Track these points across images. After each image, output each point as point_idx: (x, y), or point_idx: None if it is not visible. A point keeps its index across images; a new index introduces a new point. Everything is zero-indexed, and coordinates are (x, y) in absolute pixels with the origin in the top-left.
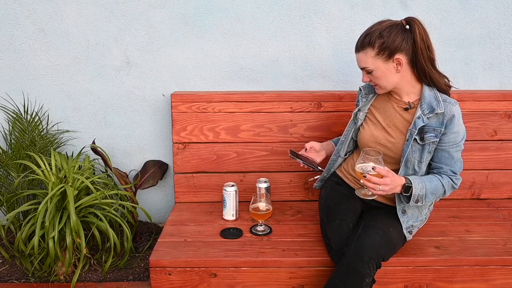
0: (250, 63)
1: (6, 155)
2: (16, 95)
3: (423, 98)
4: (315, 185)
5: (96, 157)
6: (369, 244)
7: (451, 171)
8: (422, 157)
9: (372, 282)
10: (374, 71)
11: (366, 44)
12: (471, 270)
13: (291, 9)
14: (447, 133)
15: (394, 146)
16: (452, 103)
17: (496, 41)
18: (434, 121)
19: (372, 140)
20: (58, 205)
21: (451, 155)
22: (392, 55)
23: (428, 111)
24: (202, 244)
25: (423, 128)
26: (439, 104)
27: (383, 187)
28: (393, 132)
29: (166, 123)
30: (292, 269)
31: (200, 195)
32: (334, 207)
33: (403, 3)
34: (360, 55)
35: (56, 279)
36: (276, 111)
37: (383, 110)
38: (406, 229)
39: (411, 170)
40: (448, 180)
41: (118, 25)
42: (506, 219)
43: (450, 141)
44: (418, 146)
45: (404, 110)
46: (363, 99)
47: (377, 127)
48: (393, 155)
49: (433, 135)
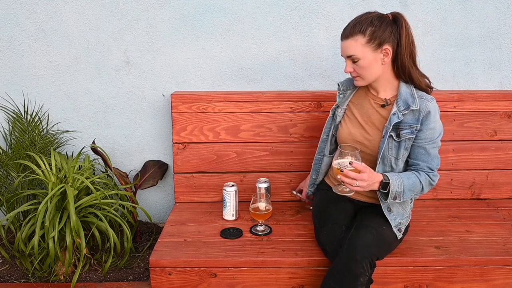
0: (250, 63)
1: (6, 155)
2: (16, 95)
3: (399, 94)
4: (308, 190)
5: (96, 157)
6: (361, 243)
7: (428, 168)
8: (398, 154)
9: (368, 281)
10: (361, 60)
11: (357, 31)
12: (471, 270)
13: (291, 9)
14: (423, 129)
15: (371, 143)
16: (428, 99)
17: (496, 41)
18: (409, 117)
19: (349, 137)
20: (58, 205)
21: (428, 151)
22: (381, 45)
23: (404, 107)
24: (202, 244)
25: (398, 125)
26: (414, 101)
27: (360, 183)
28: (370, 129)
29: (166, 123)
30: (292, 269)
31: (200, 195)
32: (325, 212)
33: (403, 3)
34: (349, 42)
35: (56, 279)
36: (276, 111)
37: (360, 106)
38: (395, 227)
39: (388, 167)
40: (425, 177)
41: (118, 25)
42: (506, 219)
43: (427, 137)
44: (394, 143)
45: (381, 107)
46: (341, 95)
47: (355, 124)
48: (370, 152)
49: (409, 131)
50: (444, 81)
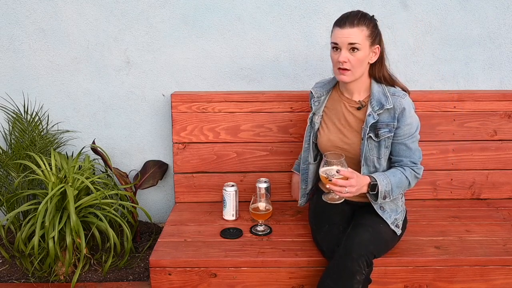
0: (250, 63)
1: (6, 155)
2: (16, 95)
3: (372, 95)
4: (300, 202)
5: (96, 157)
6: (357, 241)
7: (411, 162)
8: (380, 153)
9: (366, 281)
10: (360, 51)
11: (362, 23)
12: (471, 270)
13: (291, 9)
14: (400, 126)
15: (351, 147)
16: (401, 96)
17: (496, 41)
18: (385, 116)
19: (329, 144)
20: (58, 205)
21: (409, 146)
22: (374, 43)
23: (378, 107)
24: (202, 244)
25: (376, 125)
26: (387, 100)
27: (350, 189)
28: (348, 132)
29: (166, 123)
30: (292, 269)
31: (200, 195)
32: (322, 214)
33: (403, 3)
34: (355, 30)
35: (56, 279)
36: (276, 111)
37: (336, 111)
38: (392, 224)
39: (372, 168)
40: (410, 171)
41: (118, 25)
42: (506, 219)
43: (405, 133)
44: (374, 143)
45: (357, 110)
46: (315, 102)
47: (332, 130)
48: (352, 156)
49: (387, 130)
50: (444, 81)
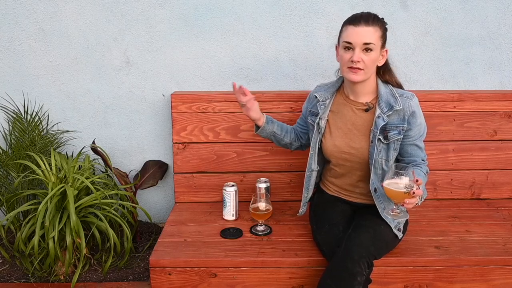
0: (250, 63)
1: (6, 155)
2: (16, 95)
3: (380, 96)
4: (300, 212)
5: (96, 157)
6: (359, 242)
7: (422, 160)
8: (388, 156)
9: (367, 281)
10: (373, 52)
11: (376, 23)
12: (471, 270)
13: (291, 9)
14: (412, 128)
15: (358, 152)
16: (410, 97)
17: (496, 41)
18: (395, 118)
19: (335, 150)
20: (58, 205)
21: (419, 146)
22: (384, 45)
23: (387, 109)
24: (202, 244)
25: (385, 127)
26: (396, 101)
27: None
28: (355, 136)
29: (166, 123)
30: (292, 269)
31: (200, 195)
32: (322, 214)
33: (403, 3)
34: (370, 29)
35: (56, 279)
36: (276, 111)
37: (341, 114)
38: (395, 228)
39: (379, 170)
40: (425, 169)
41: (118, 25)
42: (506, 219)
43: (416, 134)
44: (383, 145)
45: (365, 112)
46: (321, 106)
47: (338, 135)
48: (358, 160)
49: (396, 132)
50: (444, 81)
